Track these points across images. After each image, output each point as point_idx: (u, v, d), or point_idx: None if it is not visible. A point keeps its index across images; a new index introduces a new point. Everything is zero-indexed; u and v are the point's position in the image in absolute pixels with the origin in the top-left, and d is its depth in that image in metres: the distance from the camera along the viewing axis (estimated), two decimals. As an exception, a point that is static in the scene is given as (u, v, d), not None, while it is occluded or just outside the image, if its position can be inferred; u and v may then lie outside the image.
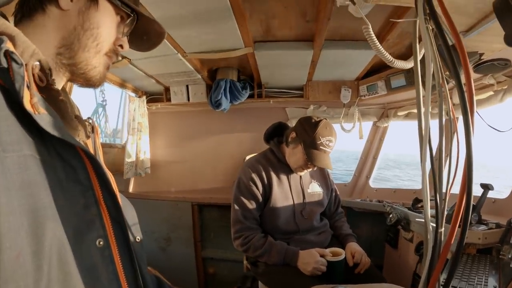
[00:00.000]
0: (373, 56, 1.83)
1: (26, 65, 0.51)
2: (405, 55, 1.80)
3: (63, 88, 0.70)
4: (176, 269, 2.75)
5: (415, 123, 0.68)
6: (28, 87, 0.50)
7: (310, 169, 1.81)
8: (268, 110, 2.60)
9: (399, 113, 2.34)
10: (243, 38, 1.61)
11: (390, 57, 0.98)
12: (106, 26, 0.68)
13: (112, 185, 0.61)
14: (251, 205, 1.72)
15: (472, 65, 1.43)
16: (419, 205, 1.97)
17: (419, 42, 0.77)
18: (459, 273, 1.16)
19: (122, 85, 2.35)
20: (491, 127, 1.32)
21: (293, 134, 1.75)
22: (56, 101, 0.60)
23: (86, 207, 0.57)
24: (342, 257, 1.57)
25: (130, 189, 2.85)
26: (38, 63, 0.55)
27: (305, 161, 1.70)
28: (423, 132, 0.60)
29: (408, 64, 1.02)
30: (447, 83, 0.78)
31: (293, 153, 1.76)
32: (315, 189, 1.90)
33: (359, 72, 2.15)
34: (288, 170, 1.83)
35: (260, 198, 1.74)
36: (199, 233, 2.77)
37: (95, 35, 0.66)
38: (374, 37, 0.96)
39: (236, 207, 1.74)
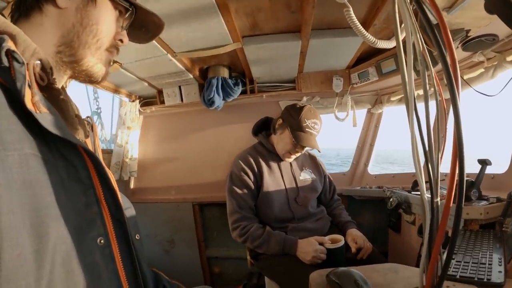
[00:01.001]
0: (361, 43, 1.83)
1: (27, 64, 0.51)
2: (393, 40, 1.80)
3: (63, 87, 0.70)
4: (182, 271, 2.75)
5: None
6: (29, 86, 0.50)
7: (299, 154, 1.85)
8: (262, 105, 2.60)
9: (392, 98, 2.34)
10: (231, 34, 1.61)
11: (372, 38, 0.98)
12: (105, 22, 0.68)
13: (112, 184, 0.62)
14: (245, 194, 1.75)
15: (460, 44, 1.43)
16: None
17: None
18: (463, 249, 1.17)
19: (116, 90, 2.34)
20: (479, 92, 1.32)
21: (280, 121, 1.81)
22: (57, 100, 0.61)
23: (87, 206, 0.58)
24: (342, 243, 1.56)
25: (130, 193, 2.85)
26: (39, 62, 0.55)
27: (293, 144, 1.75)
28: (408, 96, 0.60)
29: (390, 44, 1.02)
30: (432, 60, 0.79)
31: (281, 139, 1.81)
32: (307, 176, 1.93)
33: (349, 60, 2.15)
34: (278, 159, 1.88)
35: (253, 186, 1.77)
36: (201, 233, 2.77)
37: (95, 31, 0.66)
38: (355, 18, 0.96)
39: (231, 198, 1.77)
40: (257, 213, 1.80)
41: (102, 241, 0.59)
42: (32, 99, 0.50)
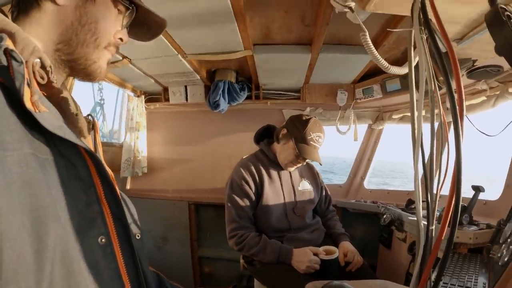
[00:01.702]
0: (369, 61, 1.87)
1: (26, 62, 0.50)
2: (401, 60, 1.84)
3: (64, 85, 0.69)
4: (172, 268, 2.76)
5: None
6: (29, 85, 0.50)
7: (300, 165, 1.86)
8: (265, 112, 2.63)
9: (394, 116, 2.39)
10: (243, 41, 1.64)
11: (385, 64, 1.02)
12: (104, 20, 0.67)
13: (113, 183, 0.62)
14: (245, 204, 1.75)
15: (465, 71, 1.47)
16: (413, 206, 2.01)
17: (413, 49, 0.81)
18: (450, 271, 1.20)
19: (122, 84, 2.36)
20: (481, 131, 1.36)
21: (284, 131, 1.81)
22: (57, 98, 0.61)
23: (88, 205, 0.57)
24: (336, 255, 1.60)
25: (127, 188, 2.86)
26: (38, 60, 0.54)
27: (296, 156, 1.76)
28: (416, 135, 0.63)
29: (402, 70, 1.06)
30: (440, 89, 0.82)
31: (284, 149, 1.81)
32: (305, 187, 1.95)
33: (356, 75, 2.19)
34: (279, 169, 1.88)
35: (253, 196, 1.78)
36: (195, 233, 2.79)
37: (93, 29, 0.65)
38: (371, 44, 0.99)
39: (230, 206, 1.77)
40: (255, 221, 1.81)
41: (103, 240, 0.58)
42: (31, 98, 0.50)
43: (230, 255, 2.63)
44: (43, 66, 0.56)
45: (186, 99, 2.48)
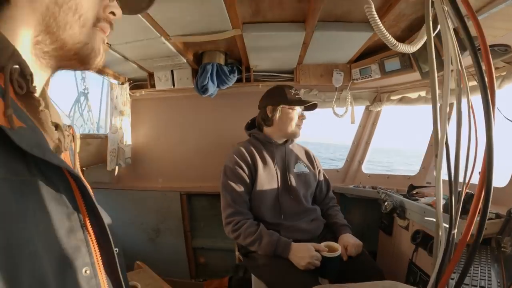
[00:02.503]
0: (367, 39, 1.75)
1: (3, 68, 0.43)
2: (400, 38, 1.72)
3: (44, 92, 0.59)
4: (167, 260, 2.72)
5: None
6: (3, 97, 0.42)
7: (304, 119, 1.88)
8: (257, 95, 2.48)
9: (392, 97, 2.29)
10: (231, 19, 1.51)
11: (393, 40, 0.91)
12: None
13: (95, 204, 0.55)
14: (240, 188, 1.73)
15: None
16: (415, 192, 1.93)
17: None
18: (460, 265, 1.13)
19: (101, 71, 2.21)
20: (508, 119, 1.25)
21: (269, 108, 1.84)
22: (36, 111, 0.51)
23: (71, 232, 0.50)
24: (338, 253, 1.53)
25: (115, 180, 2.75)
26: (17, 66, 0.46)
27: (296, 113, 1.83)
28: (439, 135, 0.53)
29: (412, 48, 0.95)
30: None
31: (283, 120, 1.83)
32: (301, 169, 1.91)
33: (352, 54, 2.06)
34: (272, 150, 1.86)
35: (248, 180, 1.75)
36: (188, 223, 2.72)
37: (74, 7, 0.54)
38: (377, 17, 0.88)
39: (225, 192, 1.74)
40: (251, 206, 1.76)
41: (87, 272, 0.51)
42: (5, 112, 0.42)
43: (225, 245, 2.58)
44: (22, 74, 0.47)
45: (173, 85, 2.34)
